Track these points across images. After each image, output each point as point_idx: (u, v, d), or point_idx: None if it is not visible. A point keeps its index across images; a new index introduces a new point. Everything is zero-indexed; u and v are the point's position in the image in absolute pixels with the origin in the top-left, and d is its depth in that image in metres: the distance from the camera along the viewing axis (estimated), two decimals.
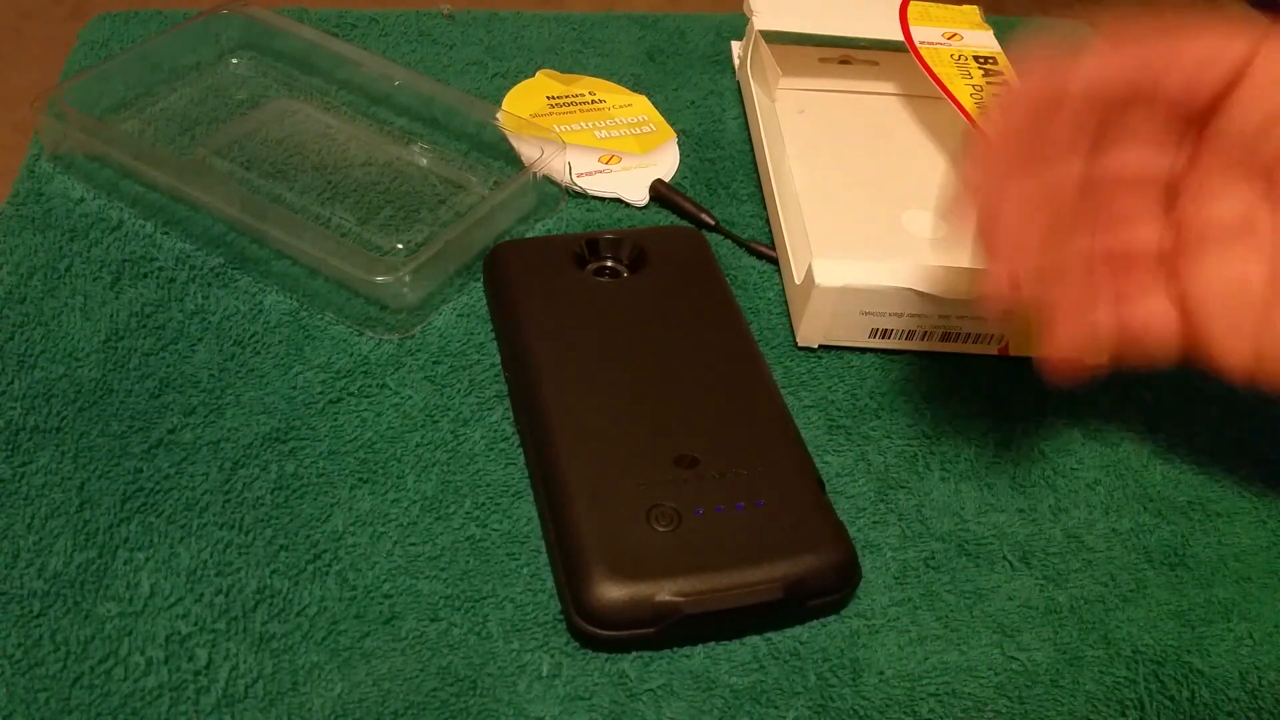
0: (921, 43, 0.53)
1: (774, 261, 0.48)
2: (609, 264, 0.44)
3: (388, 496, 0.37)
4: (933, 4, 0.56)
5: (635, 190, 0.50)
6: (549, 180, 0.50)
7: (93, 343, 0.40)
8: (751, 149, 0.54)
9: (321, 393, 0.40)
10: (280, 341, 0.41)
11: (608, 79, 0.57)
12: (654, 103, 0.55)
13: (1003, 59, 0.53)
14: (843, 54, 0.57)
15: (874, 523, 0.38)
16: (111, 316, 0.41)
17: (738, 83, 0.58)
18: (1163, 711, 0.34)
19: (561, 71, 0.57)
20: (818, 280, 0.41)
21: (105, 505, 0.35)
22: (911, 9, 0.55)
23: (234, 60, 0.54)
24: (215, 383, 0.40)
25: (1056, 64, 0.33)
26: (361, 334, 0.42)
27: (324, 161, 0.49)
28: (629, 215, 0.49)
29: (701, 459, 0.36)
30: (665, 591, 0.32)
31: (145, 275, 0.43)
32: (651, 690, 0.33)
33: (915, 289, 0.41)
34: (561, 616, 0.34)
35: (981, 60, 0.53)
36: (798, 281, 0.44)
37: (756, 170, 0.52)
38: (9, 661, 0.31)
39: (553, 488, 0.35)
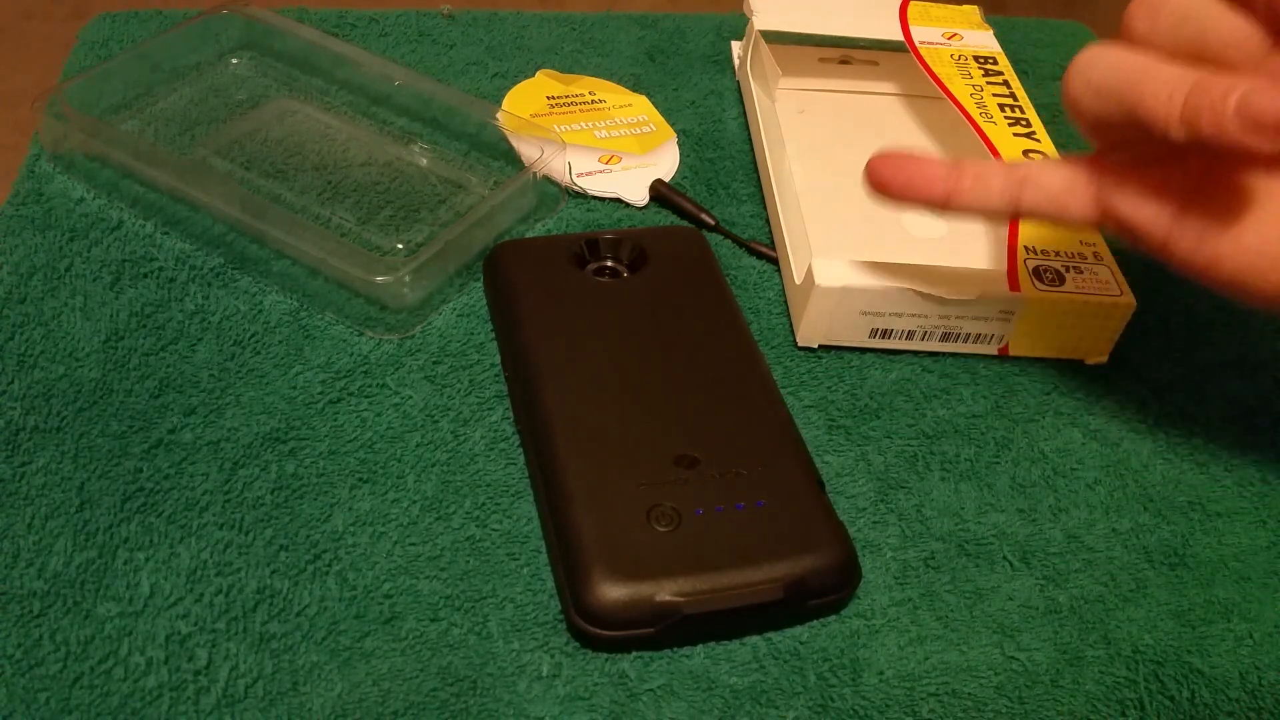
0: (921, 43, 0.53)
1: (774, 261, 0.48)
2: (609, 264, 0.44)
3: (388, 496, 0.37)
4: (933, 4, 0.56)
5: (635, 190, 0.50)
6: (549, 180, 0.50)
7: (93, 343, 0.40)
8: (751, 149, 0.54)
9: (321, 393, 0.40)
10: (280, 341, 0.41)
11: (608, 79, 0.57)
12: (654, 103, 0.55)
13: (1003, 59, 0.53)
14: (843, 54, 0.57)
15: (874, 523, 0.38)
16: (111, 316, 0.41)
17: (738, 83, 0.58)
18: (1163, 711, 0.34)
19: (561, 71, 0.57)
20: (818, 280, 0.41)
21: (105, 505, 0.35)
22: (911, 9, 0.55)
23: (234, 60, 0.54)
24: (215, 383, 0.40)
25: None
26: (361, 334, 0.42)
27: (324, 161, 0.49)
28: (629, 215, 0.49)
29: (701, 459, 0.36)
30: (665, 591, 0.32)
31: (145, 275, 0.43)
32: (651, 690, 0.33)
33: (915, 289, 0.41)
34: (561, 616, 0.34)
35: (981, 60, 0.53)
36: (798, 281, 0.44)
37: (756, 170, 0.52)
38: (9, 661, 0.31)
39: (553, 488, 0.35)
